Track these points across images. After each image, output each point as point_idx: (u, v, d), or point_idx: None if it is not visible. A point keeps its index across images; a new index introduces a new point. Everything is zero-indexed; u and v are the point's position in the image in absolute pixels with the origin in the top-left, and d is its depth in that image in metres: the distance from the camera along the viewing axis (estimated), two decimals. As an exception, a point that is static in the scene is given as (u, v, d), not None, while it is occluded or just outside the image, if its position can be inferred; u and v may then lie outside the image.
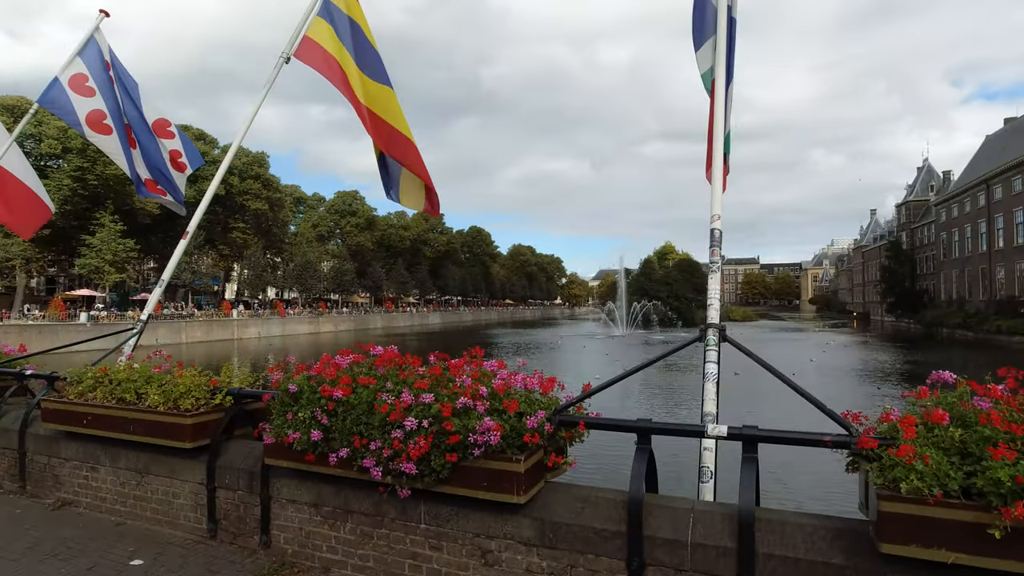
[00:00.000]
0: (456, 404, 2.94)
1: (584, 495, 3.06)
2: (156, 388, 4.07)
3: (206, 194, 6.54)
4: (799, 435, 2.86)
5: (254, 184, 62.04)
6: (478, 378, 3.18)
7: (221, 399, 3.99)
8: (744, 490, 2.71)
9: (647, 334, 60.02)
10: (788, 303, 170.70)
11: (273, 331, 61.35)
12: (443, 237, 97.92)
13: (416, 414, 2.98)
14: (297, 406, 3.34)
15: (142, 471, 4.22)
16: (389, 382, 3.22)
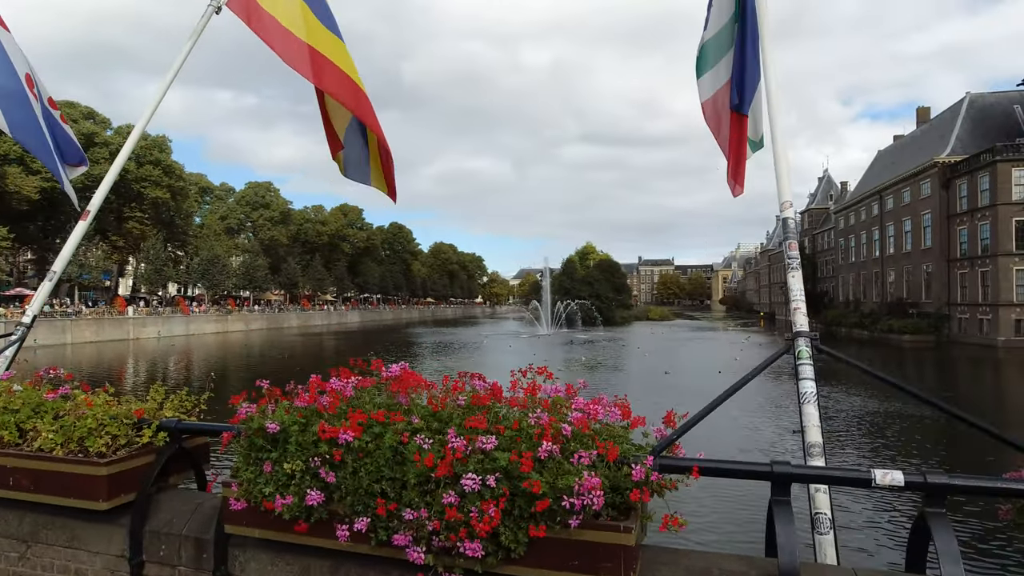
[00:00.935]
0: (539, 452, 2.02)
1: (703, 567, 2.22)
2: (50, 422, 2.85)
3: (110, 170, 5.16)
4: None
5: (153, 170, 56.86)
6: (550, 408, 2.26)
7: (152, 436, 2.82)
8: (944, 558, 1.96)
9: (571, 333, 60.53)
10: (700, 303, 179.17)
11: (175, 330, 56.57)
12: (363, 233, 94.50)
13: (476, 467, 2.03)
14: (279, 453, 2.29)
15: (27, 540, 2.94)
16: (416, 416, 2.25)
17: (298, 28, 4.66)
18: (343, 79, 4.93)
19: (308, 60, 4.64)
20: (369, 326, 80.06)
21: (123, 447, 2.77)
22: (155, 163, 56.98)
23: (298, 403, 2.37)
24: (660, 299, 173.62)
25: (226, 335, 59.93)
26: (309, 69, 4.67)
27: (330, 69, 4.85)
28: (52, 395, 3.00)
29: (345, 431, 2.16)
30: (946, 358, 40.29)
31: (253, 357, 40.97)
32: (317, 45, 4.74)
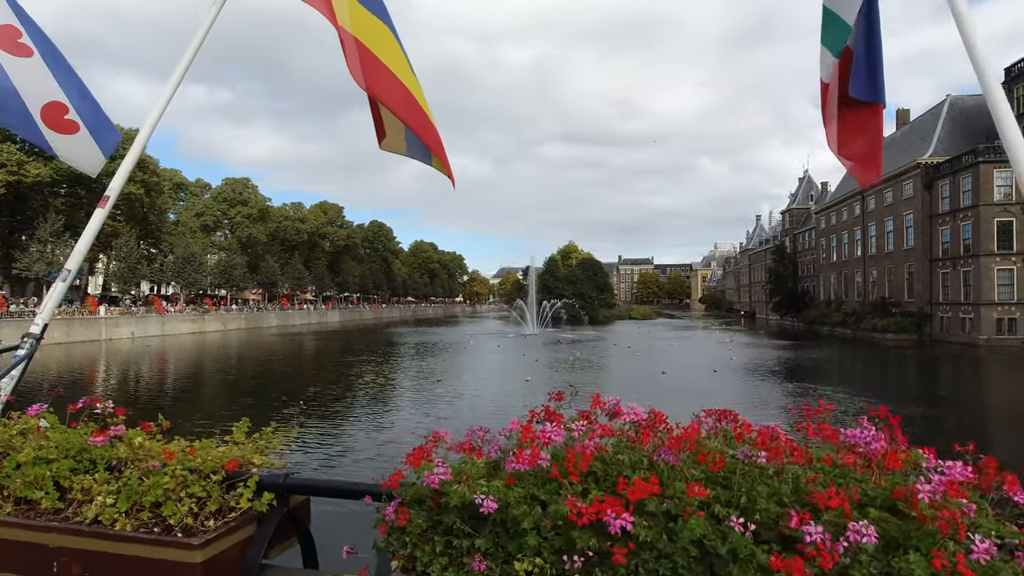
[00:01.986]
0: (973, 554, 1.28)
1: None
2: (105, 478, 2.04)
3: (129, 153, 4.23)
4: None
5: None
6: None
7: (252, 497, 2.02)
8: None
9: (557, 332, 60.00)
10: (679, 302, 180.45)
11: (150, 330, 54.54)
12: (343, 231, 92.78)
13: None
14: (494, 541, 1.51)
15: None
16: (697, 484, 1.49)
17: (342, 9, 3.78)
18: (383, 73, 4.00)
19: (356, 56, 3.74)
20: (350, 326, 78.53)
21: (214, 515, 1.96)
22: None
23: (513, 464, 1.60)
24: (640, 298, 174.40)
25: (203, 335, 58.06)
26: (359, 68, 3.74)
27: (374, 65, 3.96)
28: (100, 438, 2.17)
29: (614, 511, 1.40)
30: (930, 356, 40.71)
31: (240, 359, 39.53)
32: (360, 35, 3.87)
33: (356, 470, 11.72)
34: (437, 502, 1.63)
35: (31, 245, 49.48)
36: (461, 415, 18.06)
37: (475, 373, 29.52)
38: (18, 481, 2.07)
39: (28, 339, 3.14)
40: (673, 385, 24.22)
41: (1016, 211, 44.47)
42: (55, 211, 50.07)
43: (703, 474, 1.58)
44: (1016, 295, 44.02)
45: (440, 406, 19.61)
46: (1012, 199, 44.49)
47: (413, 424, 16.50)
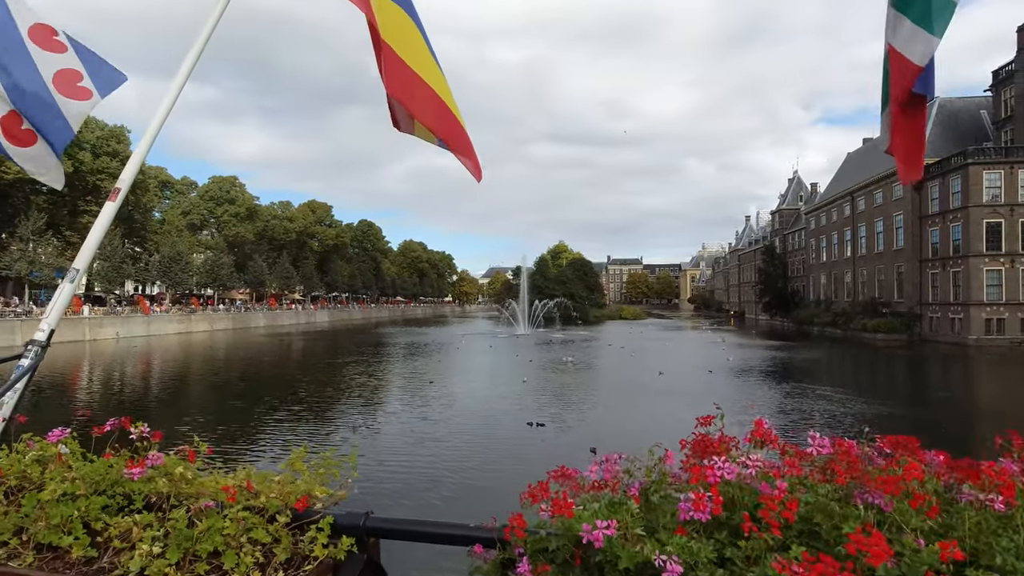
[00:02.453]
0: None
1: None
2: (147, 519, 1.69)
3: (142, 142, 3.83)
4: None
5: (111, 162, 53.76)
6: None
7: (327, 542, 1.67)
8: None
9: (549, 332, 59.76)
10: (668, 302, 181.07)
11: (135, 331, 53.58)
12: (331, 230, 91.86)
13: None
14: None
15: None
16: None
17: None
18: (410, 79, 3.64)
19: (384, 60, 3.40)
20: (338, 326, 77.74)
21: (284, 566, 1.62)
22: (112, 155, 53.88)
23: (690, 512, 1.27)
24: (629, 298, 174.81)
25: (190, 336, 57.13)
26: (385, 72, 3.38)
27: (400, 70, 3.59)
28: (137, 469, 1.81)
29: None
30: (921, 356, 40.97)
31: (228, 360, 38.83)
32: (387, 35, 3.52)
33: (364, 485, 11.32)
34: (581, 558, 1.30)
35: (12, 244, 48.33)
36: (460, 419, 17.72)
37: (468, 375, 29.16)
38: (40, 524, 1.72)
39: (33, 347, 2.75)
40: (673, 386, 24.01)
41: (1005, 212, 44.91)
42: (37, 209, 48.99)
43: (923, 523, 1.27)
44: (1004, 295, 44.45)
45: (437, 409, 19.23)
46: (1001, 200, 44.94)
47: (408, 429, 16.11)
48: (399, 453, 13.90)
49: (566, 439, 15.30)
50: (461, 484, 11.59)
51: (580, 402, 21.20)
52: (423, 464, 12.85)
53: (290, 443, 14.57)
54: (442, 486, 11.40)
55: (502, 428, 16.50)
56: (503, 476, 11.81)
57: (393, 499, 10.41)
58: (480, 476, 12.18)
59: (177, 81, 3.34)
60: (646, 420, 17.79)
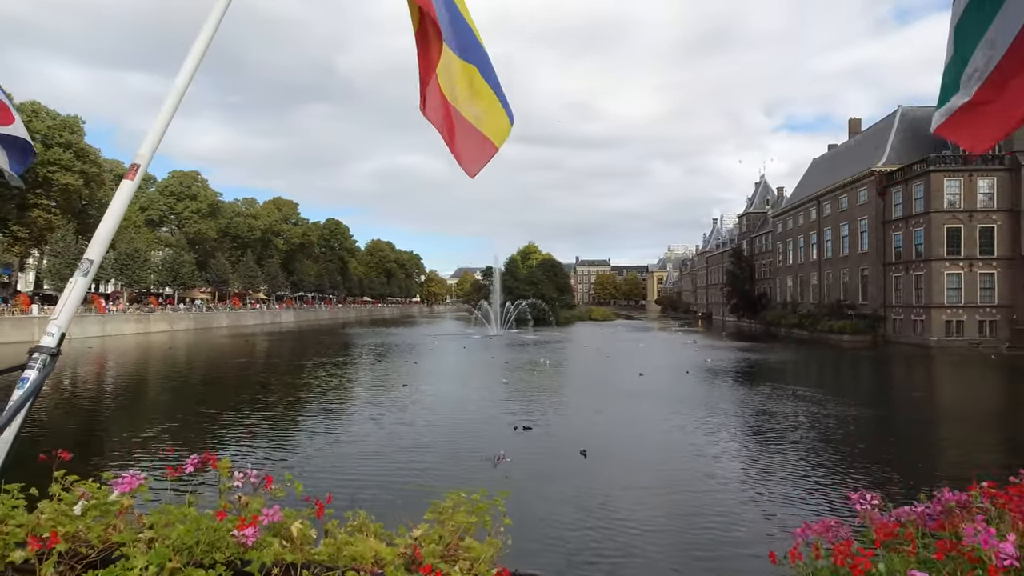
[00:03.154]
0: None
1: None
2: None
3: (160, 117, 3.10)
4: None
5: (63, 154, 51.13)
6: None
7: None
8: None
9: (521, 334, 59.37)
10: (636, 303, 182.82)
11: (89, 331, 51.15)
12: (298, 229, 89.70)
13: None
14: None
15: None
16: None
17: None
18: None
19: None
20: (305, 326, 75.87)
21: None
22: (65, 146, 51.27)
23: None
24: (597, 299, 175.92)
25: (148, 336, 54.81)
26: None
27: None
28: (250, 530, 1.20)
29: None
30: (887, 357, 41.92)
31: (191, 363, 37.19)
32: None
33: (371, 502, 10.57)
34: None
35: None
36: (441, 424, 17.06)
37: (444, 377, 28.47)
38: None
39: (40, 356, 1.97)
40: (652, 388, 23.82)
41: (964, 218, 46.36)
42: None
43: None
44: (963, 298, 45.87)
45: (416, 412, 18.51)
46: (960, 207, 46.38)
47: (394, 438, 15.33)
48: (382, 460, 13.19)
49: (553, 443, 14.84)
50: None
51: (562, 404, 20.80)
52: (406, 474, 12.17)
53: (266, 450, 13.69)
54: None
55: (487, 433, 15.91)
56: (489, 481, 11.22)
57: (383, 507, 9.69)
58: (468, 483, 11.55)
59: (187, 68, 2.70)
60: (631, 422, 17.50)
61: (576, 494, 10.91)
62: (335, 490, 1.65)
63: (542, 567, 0.97)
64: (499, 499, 1.43)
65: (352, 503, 1.66)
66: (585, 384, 26.17)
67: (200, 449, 12.37)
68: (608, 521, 9.63)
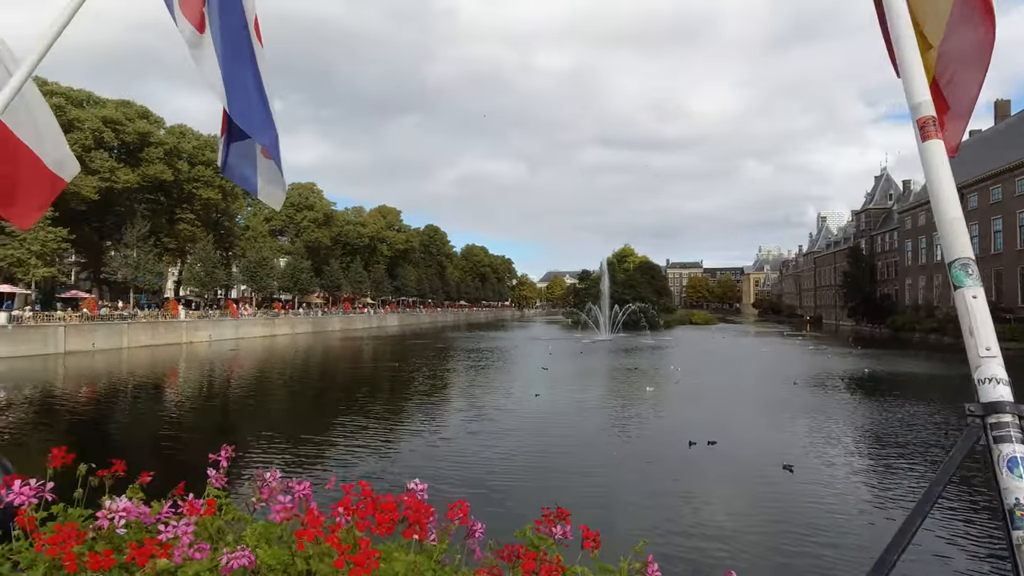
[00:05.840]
0: None
1: None
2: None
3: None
4: None
5: (205, 170, 55.34)
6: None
7: None
8: None
9: (630, 338, 58.13)
10: (730, 306, 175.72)
11: (225, 334, 54.90)
12: (401, 235, 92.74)
13: None
14: None
15: None
16: None
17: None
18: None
19: None
20: (408, 330, 78.12)
21: None
22: (207, 163, 55.43)
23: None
24: (689, 302, 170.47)
25: (274, 339, 58.20)
26: None
27: None
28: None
29: None
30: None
31: (324, 365, 39.02)
32: None
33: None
34: None
35: (118, 250, 50.22)
36: (606, 437, 16.56)
37: (581, 384, 27.91)
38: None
39: None
40: (815, 401, 22.25)
41: None
42: (140, 216, 50.72)
43: None
44: None
45: (579, 430, 17.89)
46: None
47: (575, 458, 14.96)
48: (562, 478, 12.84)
49: (745, 457, 13.85)
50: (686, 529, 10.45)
51: (727, 416, 19.23)
52: (606, 491, 11.70)
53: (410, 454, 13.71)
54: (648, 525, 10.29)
55: (664, 451, 14.89)
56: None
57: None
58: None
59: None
60: (815, 437, 16.17)
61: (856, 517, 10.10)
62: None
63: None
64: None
65: None
66: (739, 394, 24.85)
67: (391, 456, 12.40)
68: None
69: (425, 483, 1.58)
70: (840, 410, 20.25)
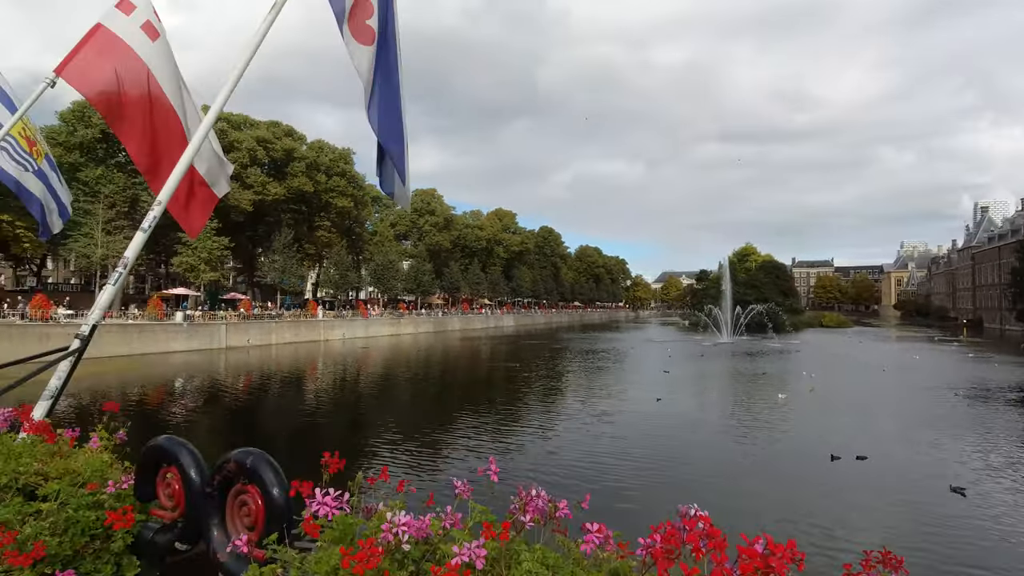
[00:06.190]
0: None
1: None
2: None
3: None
4: None
5: (340, 181, 60.01)
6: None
7: None
8: None
9: (754, 341, 55.26)
10: (866, 308, 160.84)
11: (357, 333, 59.11)
12: (516, 238, 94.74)
13: None
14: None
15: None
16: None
17: None
18: None
19: None
20: (523, 330, 79.62)
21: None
22: (341, 174, 60.05)
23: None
24: (817, 303, 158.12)
25: (399, 338, 61.78)
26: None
27: None
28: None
29: None
30: None
31: (447, 362, 40.90)
32: None
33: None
34: None
35: (268, 256, 55.91)
36: (751, 455, 15.93)
37: (705, 390, 27.10)
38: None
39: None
40: (983, 416, 19.98)
41: None
42: (287, 226, 56.04)
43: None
44: None
45: (685, 434, 17.36)
46: None
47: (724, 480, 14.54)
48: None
49: (901, 476, 12.63)
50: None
51: (874, 429, 17.37)
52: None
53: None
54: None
55: (799, 460, 13.92)
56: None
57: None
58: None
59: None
60: (989, 457, 14.46)
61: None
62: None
63: None
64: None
65: None
66: (888, 405, 22.86)
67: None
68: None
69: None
70: (1017, 428, 18.13)
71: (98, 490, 1.90)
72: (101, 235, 41.30)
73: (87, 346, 2.94)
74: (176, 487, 1.88)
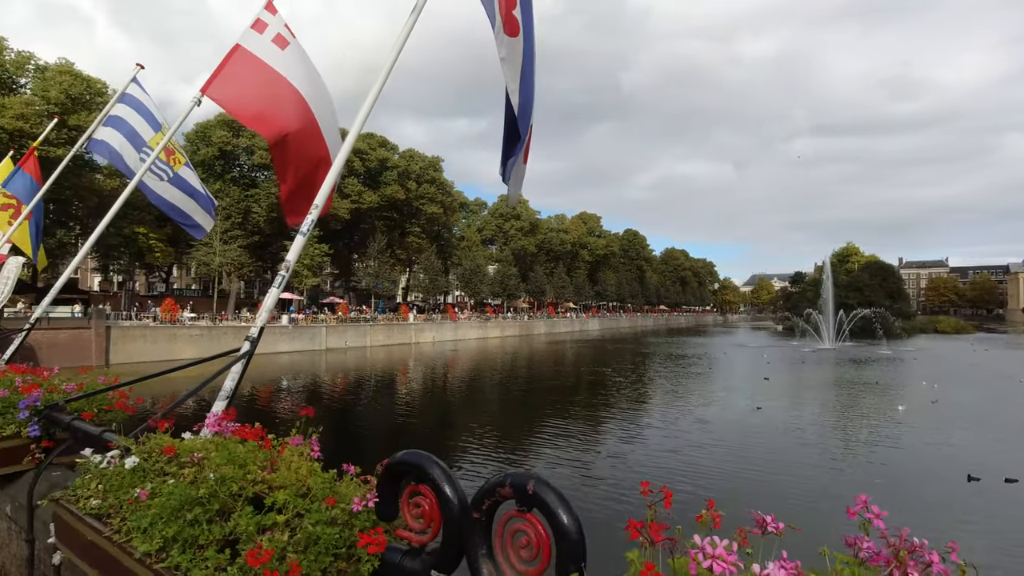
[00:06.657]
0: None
1: None
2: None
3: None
4: None
5: (430, 188, 61.93)
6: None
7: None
8: None
9: (859, 347, 51.71)
10: (988, 312, 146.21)
11: (446, 336, 60.70)
12: (601, 241, 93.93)
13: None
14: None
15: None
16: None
17: None
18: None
19: None
20: (608, 334, 78.67)
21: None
22: (431, 181, 61.98)
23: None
24: (929, 307, 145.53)
25: (486, 341, 62.83)
26: None
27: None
28: None
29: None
30: None
31: (533, 367, 41.15)
32: None
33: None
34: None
35: (364, 261, 58.63)
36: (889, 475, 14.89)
37: (817, 400, 25.58)
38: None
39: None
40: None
41: None
42: (380, 232, 58.54)
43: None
44: None
45: (793, 447, 16.32)
46: None
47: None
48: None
49: None
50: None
51: (1017, 447, 16.02)
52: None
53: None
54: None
55: (930, 480, 12.72)
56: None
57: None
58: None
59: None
60: None
61: None
62: None
63: None
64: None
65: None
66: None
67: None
68: None
69: None
70: None
71: (336, 505, 1.75)
72: (219, 244, 44.82)
73: (256, 347, 3.06)
74: (426, 507, 1.70)
